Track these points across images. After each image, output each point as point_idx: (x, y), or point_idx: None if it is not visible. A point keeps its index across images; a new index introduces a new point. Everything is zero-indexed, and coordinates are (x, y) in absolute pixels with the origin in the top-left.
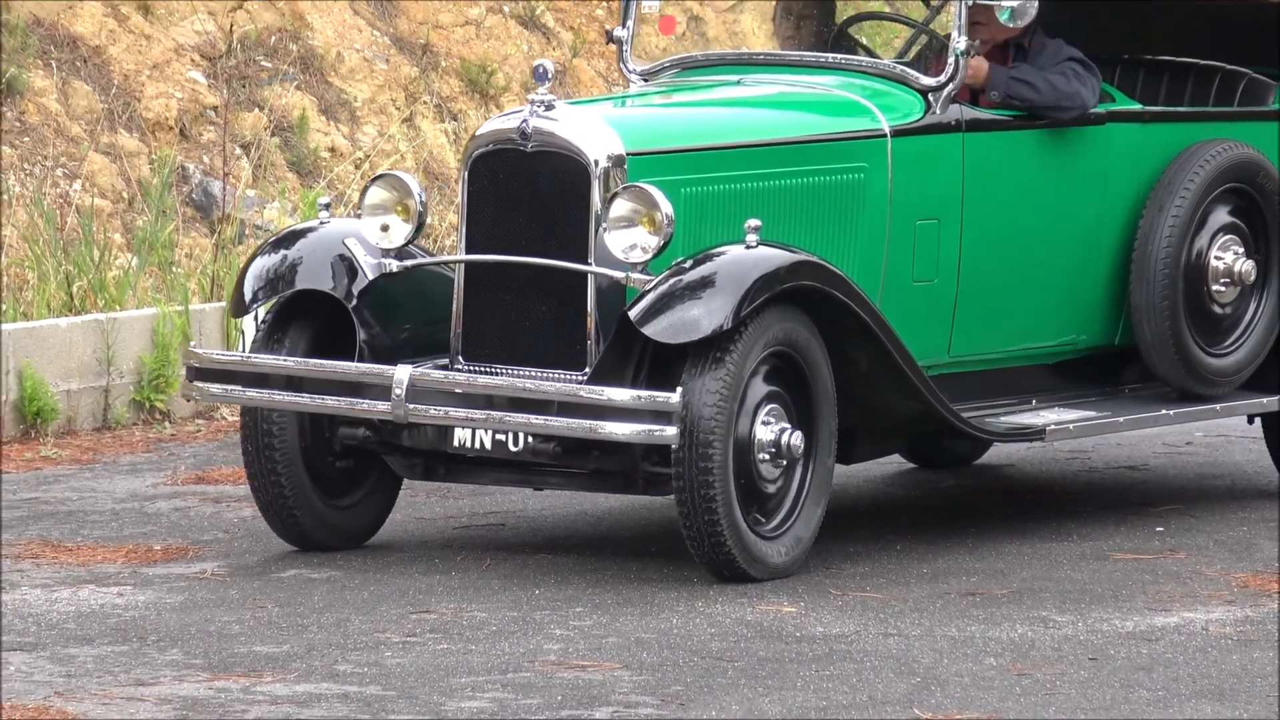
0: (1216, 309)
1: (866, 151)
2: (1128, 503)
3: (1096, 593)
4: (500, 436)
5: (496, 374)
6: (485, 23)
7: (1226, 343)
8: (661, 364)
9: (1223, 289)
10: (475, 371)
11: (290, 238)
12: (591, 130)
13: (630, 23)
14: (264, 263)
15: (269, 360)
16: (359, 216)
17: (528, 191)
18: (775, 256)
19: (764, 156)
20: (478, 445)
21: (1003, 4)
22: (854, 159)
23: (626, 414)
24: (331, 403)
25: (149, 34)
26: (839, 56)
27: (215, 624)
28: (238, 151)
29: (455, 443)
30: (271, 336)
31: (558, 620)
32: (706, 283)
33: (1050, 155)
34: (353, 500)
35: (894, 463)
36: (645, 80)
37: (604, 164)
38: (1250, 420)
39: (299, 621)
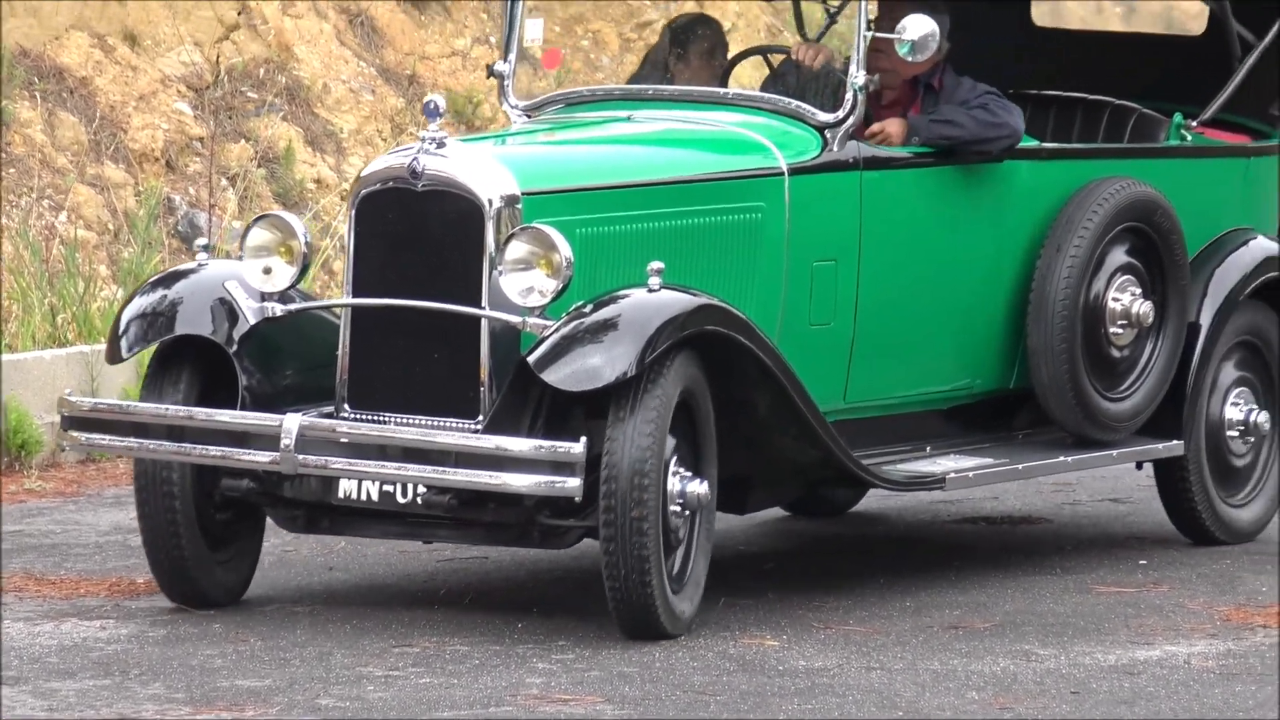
0: (1114, 352)
1: (763, 190)
2: (1111, 535)
3: (1079, 626)
4: (388, 488)
5: (386, 422)
6: (471, 53)
7: (1123, 386)
8: (559, 412)
9: (1120, 331)
10: (364, 420)
11: (169, 280)
12: (484, 169)
13: (512, 56)
14: (141, 306)
15: (149, 409)
16: (240, 258)
17: (418, 232)
18: (678, 300)
19: (660, 196)
20: (364, 497)
21: (904, 36)
22: (751, 198)
23: (527, 465)
24: (217, 453)
25: (135, 65)
26: (732, 91)
27: (197, 657)
28: (224, 183)
29: (340, 494)
30: (154, 383)
31: (540, 654)
32: (609, 328)
33: (948, 194)
34: (228, 554)
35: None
36: (528, 116)
37: (497, 204)
38: (1138, 466)
39: (281, 655)
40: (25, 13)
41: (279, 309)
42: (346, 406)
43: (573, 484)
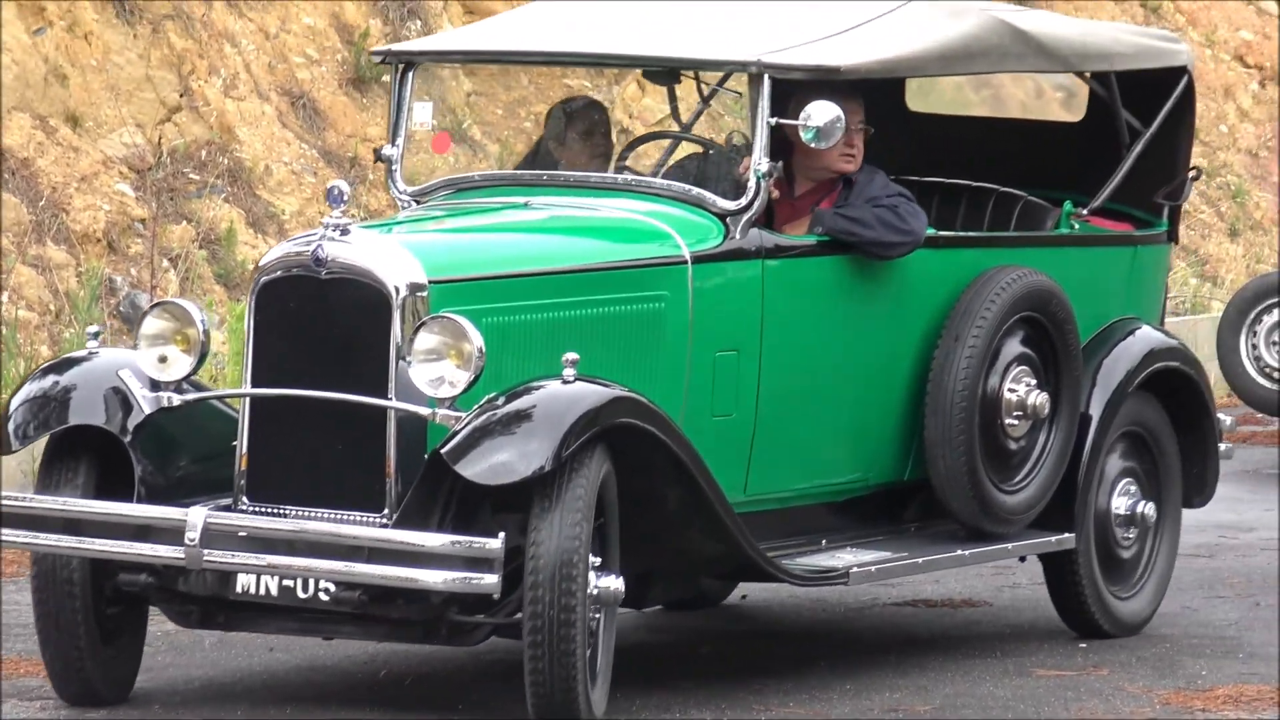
0: (1010, 443)
1: (667, 279)
2: (1050, 618)
3: (1019, 710)
4: (288, 583)
5: (287, 515)
6: (415, 137)
7: (1017, 478)
8: (468, 506)
9: (1015, 422)
10: (264, 513)
11: (61, 367)
12: (391, 257)
13: (400, 140)
14: (33, 395)
15: (47, 502)
16: (135, 346)
17: (321, 321)
18: (594, 393)
19: (566, 284)
20: (263, 592)
21: (809, 123)
22: (655, 287)
23: (442, 561)
24: (118, 548)
25: (77, 146)
26: (630, 178)
27: None
28: (165, 264)
29: (238, 589)
30: (49, 475)
31: None
32: (524, 421)
33: (847, 283)
34: (117, 649)
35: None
36: (416, 202)
37: (404, 292)
38: (1022, 559)
39: None
40: None
41: (175, 398)
42: (245, 499)
43: (489, 580)
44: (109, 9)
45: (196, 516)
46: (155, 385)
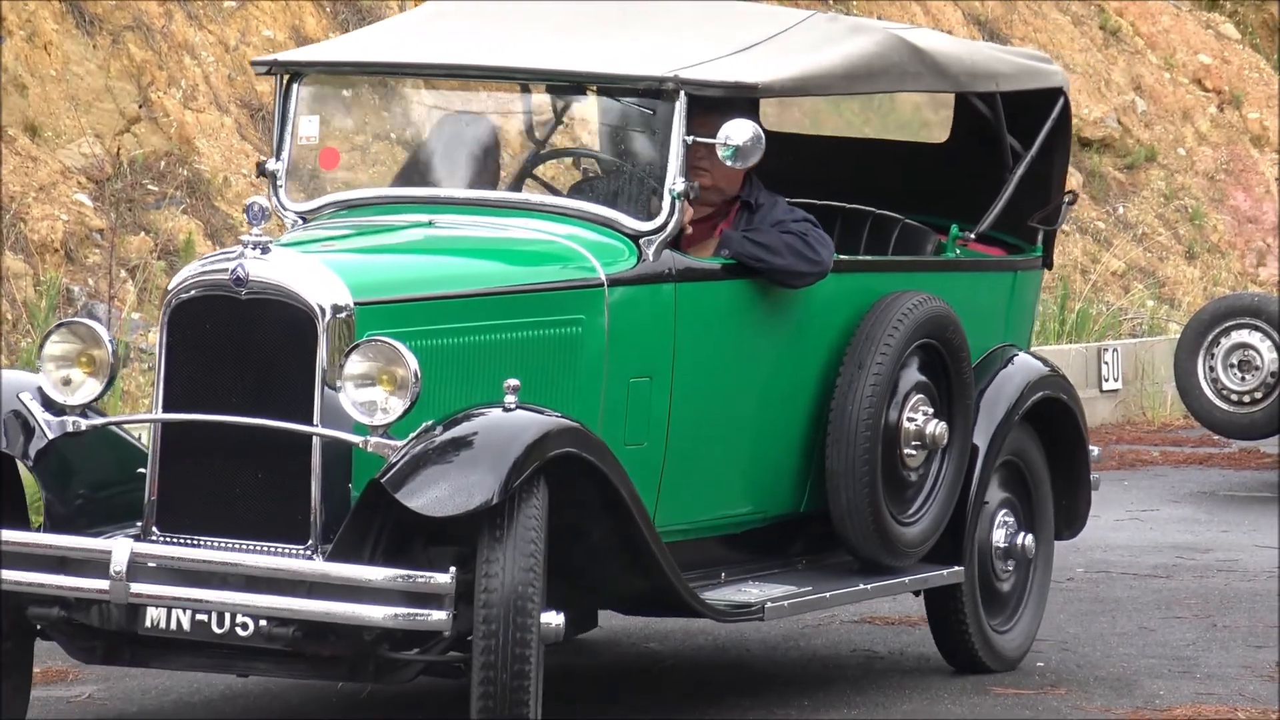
0: (908, 474)
1: (583, 302)
2: None
3: None
4: (201, 617)
5: (210, 547)
6: (371, 148)
7: (911, 511)
8: (398, 540)
9: (914, 452)
10: (190, 545)
11: None
12: (315, 276)
13: (286, 155)
14: None
15: None
16: (39, 368)
17: (239, 344)
18: (538, 422)
19: (487, 307)
20: (174, 626)
21: (728, 142)
22: (572, 310)
23: (388, 596)
24: (39, 579)
25: (36, 156)
26: (536, 197)
27: None
28: (123, 274)
29: (147, 623)
30: None
31: None
32: (467, 449)
33: (752, 308)
34: (11, 688)
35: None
36: (304, 220)
37: (329, 314)
38: (916, 594)
39: None
40: None
41: (82, 423)
42: (155, 529)
43: (437, 617)
44: (69, 19)
45: (121, 549)
46: (57, 409)
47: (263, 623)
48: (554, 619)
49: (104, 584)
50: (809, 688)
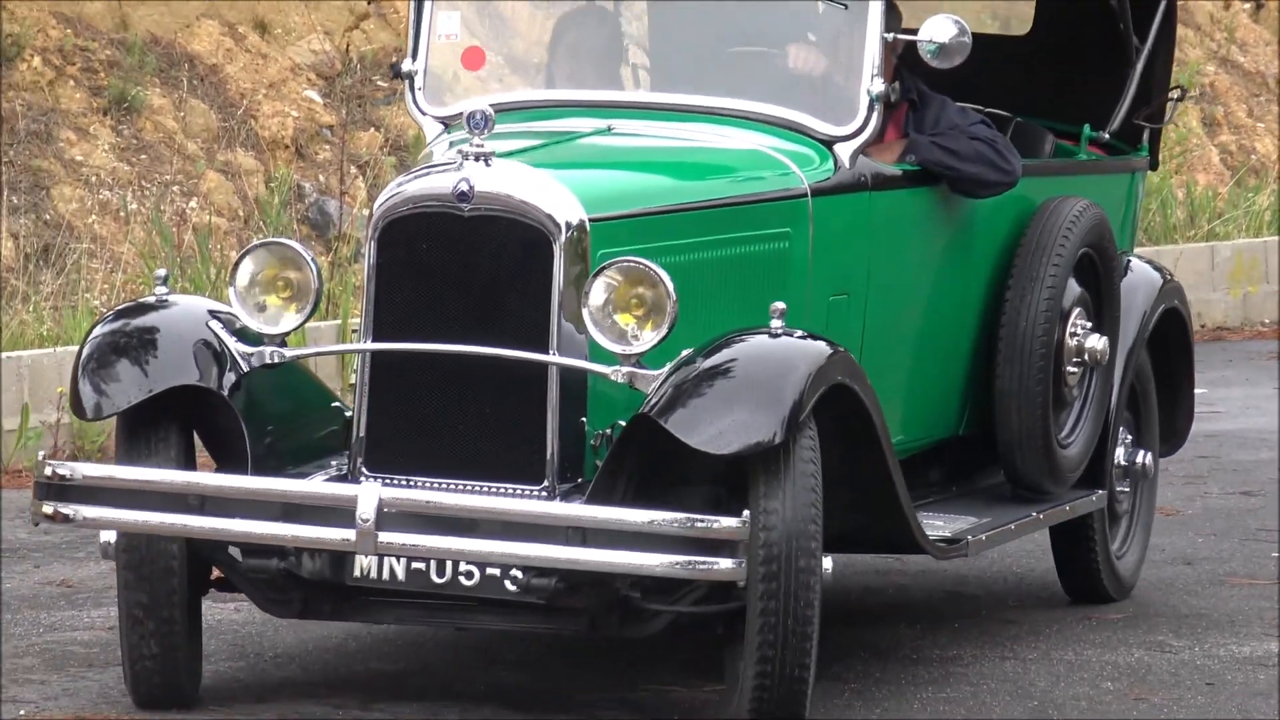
0: (1067, 393)
1: (791, 214)
2: (1244, 529)
3: (1213, 618)
4: (419, 565)
5: (454, 490)
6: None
7: (1066, 432)
8: (645, 482)
9: (1074, 370)
10: (439, 488)
11: (135, 313)
12: (547, 190)
13: (424, 55)
14: (109, 352)
15: (182, 478)
16: (231, 290)
17: (461, 265)
18: (814, 350)
19: (704, 221)
20: (386, 576)
21: (932, 39)
22: (779, 223)
23: (671, 544)
24: (271, 530)
25: (265, 53)
26: (720, 102)
27: None
28: (353, 170)
29: (356, 572)
30: (134, 444)
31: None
32: (744, 381)
33: (933, 219)
34: (187, 645)
35: None
36: (445, 127)
37: (565, 231)
38: (1075, 521)
39: None
40: (156, 1)
41: (287, 353)
42: (364, 469)
43: (727, 566)
44: None
45: (368, 494)
46: (252, 339)
47: (514, 572)
48: (826, 564)
49: (348, 533)
50: (1043, 578)
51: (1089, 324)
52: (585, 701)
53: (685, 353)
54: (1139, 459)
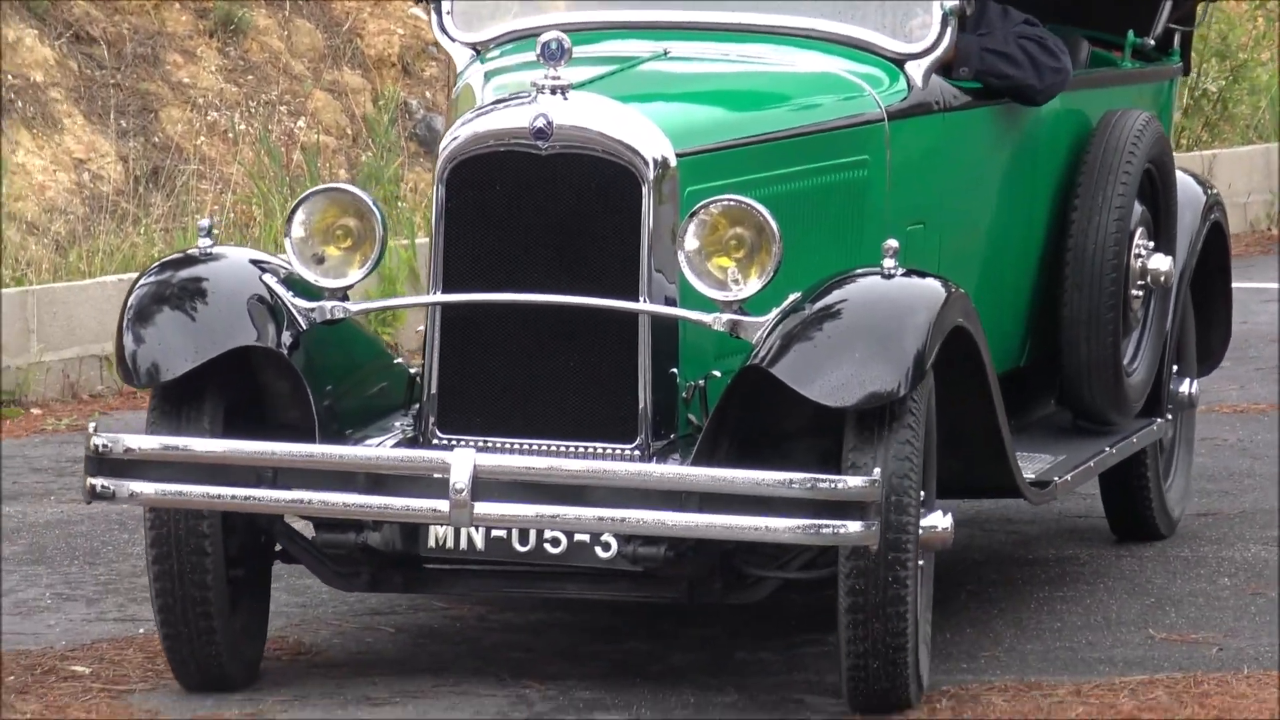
0: (1132, 317)
1: (868, 140)
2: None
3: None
4: (500, 533)
5: (547, 454)
6: None
7: (1129, 358)
8: (746, 437)
9: (1138, 293)
10: (534, 453)
11: (181, 267)
12: (632, 124)
13: None
14: (157, 310)
15: (255, 448)
16: (289, 239)
17: (539, 208)
18: (930, 292)
19: (786, 152)
20: (463, 546)
21: None
22: (857, 150)
23: (794, 507)
24: (365, 503)
25: None
26: (781, 19)
27: None
28: None
29: (431, 543)
30: (166, 414)
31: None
32: (859, 328)
33: (1000, 136)
34: (241, 619)
35: None
36: (476, 53)
37: (654, 169)
38: (1140, 453)
39: None
40: None
41: (344, 309)
42: (436, 430)
43: (856, 529)
44: None
45: (462, 461)
46: (312, 293)
47: (607, 539)
48: (941, 521)
49: (440, 504)
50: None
51: (1150, 244)
52: (680, 665)
53: (792, 297)
54: (1183, 387)
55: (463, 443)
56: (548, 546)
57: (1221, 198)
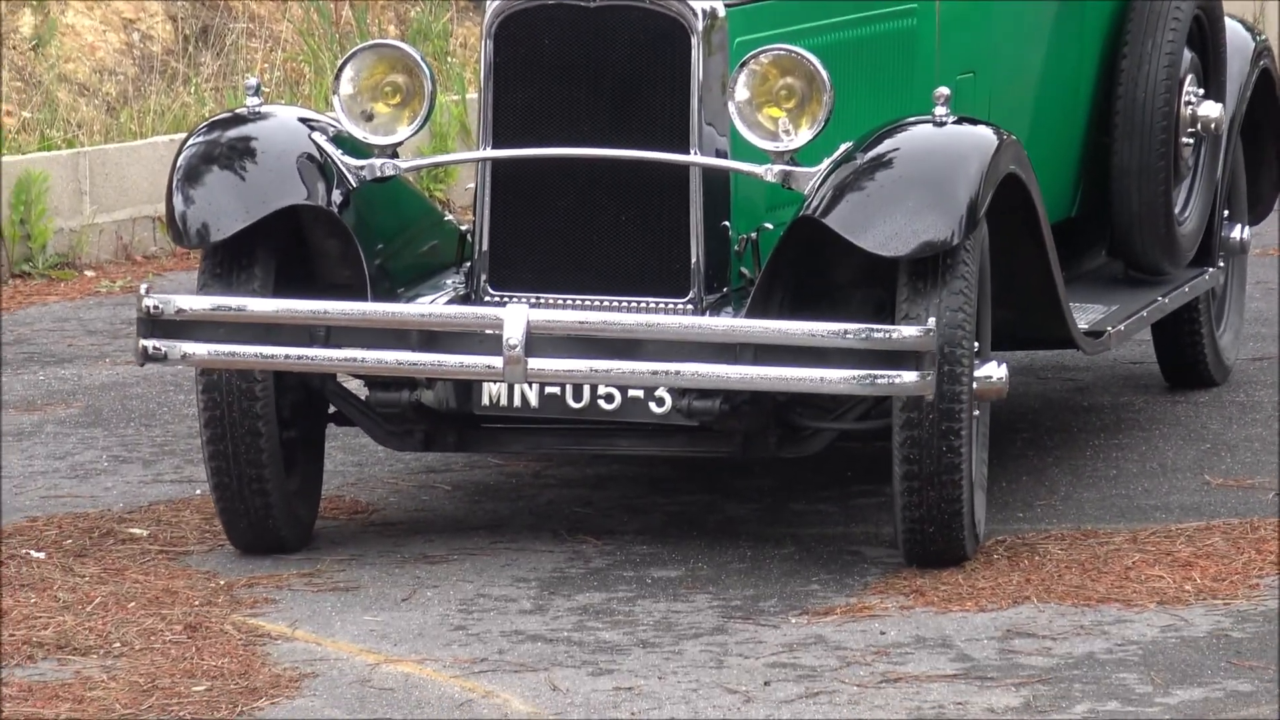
0: (1183, 167)
1: None
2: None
3: None
4: (553, 389)
5: (612, 307)
6: None
7: (1180, 207)
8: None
9: (1189, 141)
10: (584, 307)
11: (230, 126)
12: None
13: None
14: (207, 169)
15: (308, 306)
16: (337, 97)
17: (588, 61)
18: (983, 140)
19: (834, 1)
20: (517, 403)
21: None
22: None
23: (849, 357)
24: (419, 360)
25: None
26: None
27: None
28: None
29: (485, 400)
30: (218, 273)
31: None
32: (914, 176)
33: None
34: (296, 482)
35: None
36: None
37: (703, 19)
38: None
39: None
40: None
41: (402, 165)
42: (488, 287)
43: (911, 379)
44: None
45: (515, 317)
46: (361, 151)
47: (661, 394)
48: (996, 372)
49: (494, 361)
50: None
51: (1200, 91)
52: (736, 517)
53: (844, 147)
54: (1234, 233)
55: (515, 299)
56: (601, 403)
57: (1270, 44)
